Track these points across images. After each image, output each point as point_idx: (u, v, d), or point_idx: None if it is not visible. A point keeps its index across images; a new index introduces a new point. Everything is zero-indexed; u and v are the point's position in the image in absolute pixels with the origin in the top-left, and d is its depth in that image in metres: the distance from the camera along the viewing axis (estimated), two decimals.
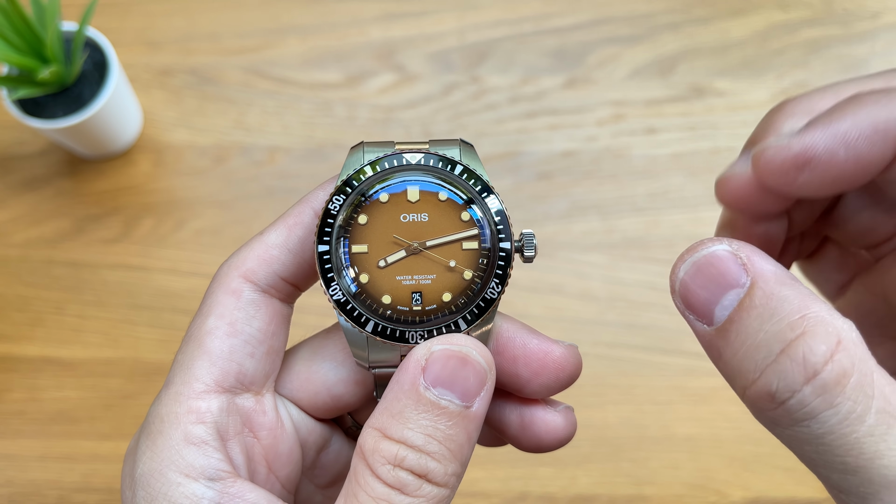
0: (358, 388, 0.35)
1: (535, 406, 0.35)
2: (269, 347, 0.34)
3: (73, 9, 0.77)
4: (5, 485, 0.70)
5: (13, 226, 0.76)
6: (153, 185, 0.77)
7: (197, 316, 0.34)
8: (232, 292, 0.33)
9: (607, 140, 0.78)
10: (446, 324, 0.33)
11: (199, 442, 0.31)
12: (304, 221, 0.34)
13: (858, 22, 0.82)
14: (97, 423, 0.71)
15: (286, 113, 0.79)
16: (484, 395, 0.30)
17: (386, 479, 0.29)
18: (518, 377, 0.34)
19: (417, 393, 0.30)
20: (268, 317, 0.33)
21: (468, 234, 0.33)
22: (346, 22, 0.82)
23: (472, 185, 0.33)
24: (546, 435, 0.35)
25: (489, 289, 0.33)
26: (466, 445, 0.30)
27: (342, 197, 0.33)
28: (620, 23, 0.82)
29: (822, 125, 0.28)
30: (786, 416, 0.25)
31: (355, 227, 0.33)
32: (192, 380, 0.32)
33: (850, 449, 0.24)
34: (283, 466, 0.35)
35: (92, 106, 0.69)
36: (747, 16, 0.82)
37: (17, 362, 0.73)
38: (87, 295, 0.75)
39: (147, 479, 0.30)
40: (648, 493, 0.69)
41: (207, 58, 0.81)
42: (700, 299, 0.27)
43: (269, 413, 0.34)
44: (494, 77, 0.80)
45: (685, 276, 0.28)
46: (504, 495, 0.69)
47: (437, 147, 0.34)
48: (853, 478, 0.24)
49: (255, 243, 0.34)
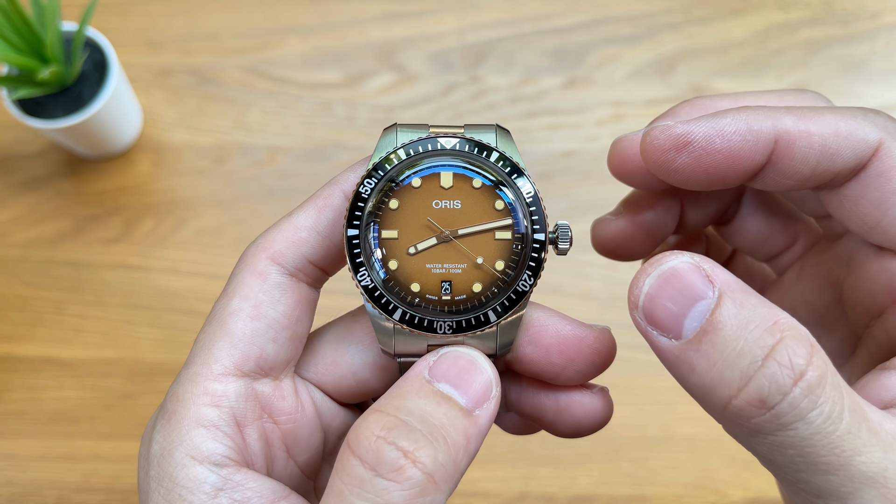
0: (384, 373, 0.35)
1: (571, 391, 0.35)
2: (292, 333, 0.33)
3: (73, 9, 0.77)
4: (5, 485, 0.70)
5: (13, 226, 0.77)
6: (153, 185, 0.77)
7: (221, 296, 0.33)
8: (258, 274, 0.32)
9: (607, 140, 0.78)
10: (476, 315, 0.32)
11: (210, 425, 0.30)
12: (333, 204, 0.33)
13: (858, 22, 0.82)
14: (97, 423, 0.71)
15: (286, 113, 0.79)
16: (488, 406, 0.30)
17: (364, 456, 0.27)
18: (553, 365, 0.33)
19: (422, 382, 0.30)
20: (293, 301, 0.33)
21: (501, 223, 0.32)
22: (346, 22, 0.82)
23: (507, 173, 0.32)
24: (585, 418, 0.35)
25: (521, 281, 0.32)
26: (462, 448, 0.28)
27: (373, 180, 0.32)
28: (620, 23, 0.82)
29: (706, 118, 0.30)
30: (773, 421, 0.25)
31: (386, 211, 0.32)
32: (212, 361, 0.31)
33: (834, 447, 0.25)
34: (303, 451, 0.34)
35: (92, 106, 0.69)
36: (747, 16, 0.82)
37: (17, 362, 0.73)
38: (87, 295, 0.75)
39: (157, 459, 0.30)
40: (648, 493, 0.69)
41: (207, 58, 0.81)
42: (667, 312, 0.27)
43: (289, 398, 0.33)
44: (494, 77, 0.80)
45: (650, 289, 0.28)
46: (504, 495, 0.69)
47: (473, 132, 0.33)
48: (835, 477, 0.25)
49: (283, 225, 0.33)
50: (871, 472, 0.25)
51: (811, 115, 0.30)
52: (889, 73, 0.80)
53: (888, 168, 0.29)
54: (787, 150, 0.30)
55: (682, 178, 0.31)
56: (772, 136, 0.30)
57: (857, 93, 0.79)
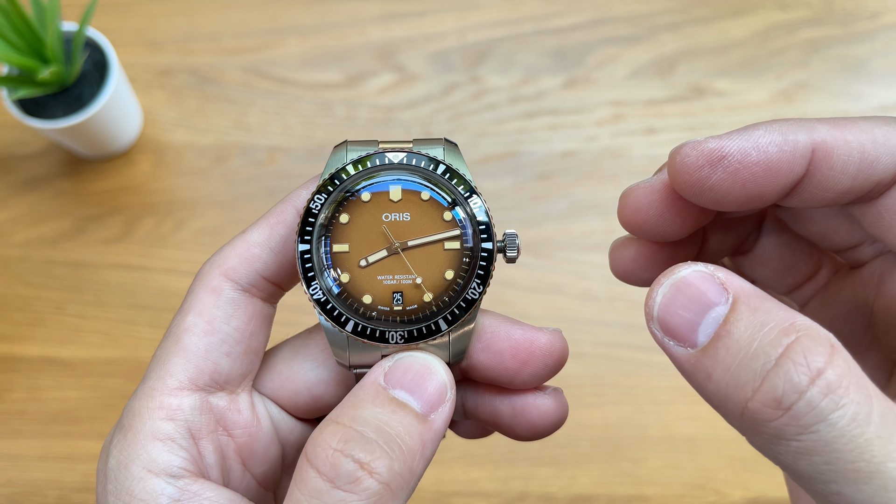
0: (339, 388, 0.35)
1: (525, 393, 0.35)
2: (246, 347, 0.33)
3: (73, 9, 0.77)
4: (5, 485, 0.70)
5: (13, 226, 0.77)
6: (153, 185, 0.77)
7: (178, 313, 0.33)
8: (212, 290, 0.33)
9: (607, 140, 0.78)
10: (427, 324, 0.33)
11: (166, 438, 0.31)
12: (286, 220, 0.34)
13: (858, 22, 0.82)
14: (97, 423, 0.71)
15: (286, 113, 0.79)
16: (443, 411, 0.30)
17: (322, 468, 0.27)
18: (507, 370, 0.34)
19: (377, 389, 0.30)
20: (247, 316, 0.33)
21: (450, 234, 0.33)
22: (346, 22, 0.82)
23: (454, 184, 0.33)
24: (540, 419, 0.35)
25: (470, 289, 0.33)
26: (418, 454, 0.29)
27: (324, 196, 0.33)
28: (620, 23, 0.82)
29: (738, 132, 0.30)
30: (792, 423, 0.24)
31: (337, 226, 0.33)
32: (167, 376, 0.32)
33: (863, 453, 0.24)
34: (260, 464, 0.35)
35: (92, 106, 0.69)
36: (747, 16, 0.82)
37: (18, 362, 0.73)
38: (87, 295, 0.75)
39: (115, 473, 0.30)
40: (648, 493, 0.69)
41: (207, 58, 0.81)
42: (682, 321, 0.27)
43: (245, 412, 0.34)
44: (494, 77, 0.80)
45: (664, 299, 0.28)
46: (504, 495, 0.69)
47: (421, 146, 0.34)
48: (867, 487, 0.24)
49: (237, 242, 0.34)
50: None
51: (845, 124, 0.29)
52: (889, 73, 0.80)
53: None
54: (825, 159, 0.29)
55: (717, 197, 0.30)
56: (808, 145, 0.29)
57: (857, 93, 0.80)
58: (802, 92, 0.79)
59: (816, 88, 0.80)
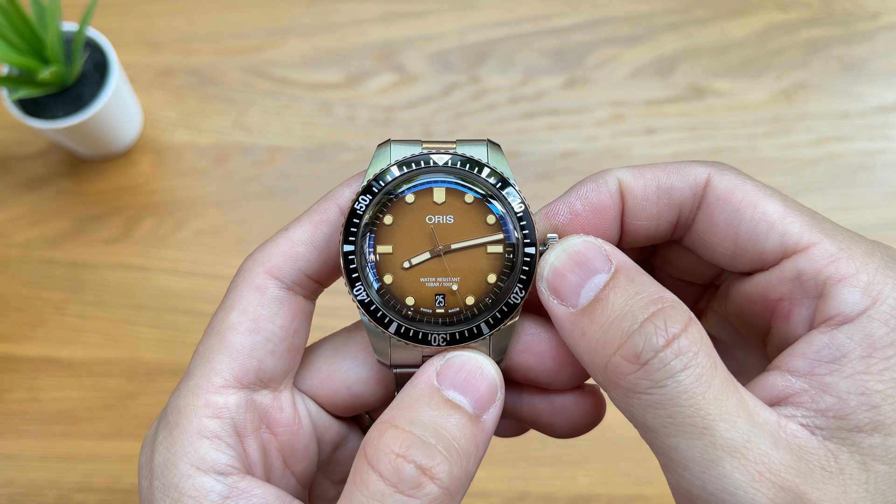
0: (378, 387, 0.35)
1: (564, 393, 0.36)
2: (290, 345, 0.34)
3: (73, 9, 0.77)
4: (5, 485, 0.70)
5: (13, 226, 0.77)
6: (153, 185, 0.78)
7: (220, 309, 0.33)
8: (256, 288, 0.33)
9: (607, 140, 0.78)
10: (469, 327, 0.33)
11: (213, 436, 0.31)
12: (329, 219, 0.34)
13: (858, 22, 0.82)
14: (97, 423, 0.72)
15: (286, 113, 0.79)
16: (494, 410, 0.31)
17: (385, 472, 0.28)
18: (547, 371, 0.34)
19: (431, 389, 0.30)
20: (290, 314, 0.33)
21: (493, 238, 0.33)
22: (346, 22, 0.82)
23: (497, 188, 0.33)
24: (580, 417, 0.36)
25: (513, 293, 0.33)
26: (473, 456, 0.30)
27: (368, 196, 0.33)
28: (620, 23, 0.82)
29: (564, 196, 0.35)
30: (646, 377, 0.27)
31: (381, 227, 0.33)
32: (212, 374, 0.32)
33: (699, 409, 0.27)
34: (299, 462, 0.35)
35: (92, 106, 0.69)
36: (747, 16, 0.82)
37: (18, 362, 0.73)
38: (87, 295, 0.75)
39: (162, 469, 0.31)
40: (648, 492, 0.69)
41: (207, 58, 0.81)
42: (567, 282, 0.31)
43: (287, 410, 0.34)
44: (494, 77, 0.80)
45: (555, 261, 0.31)
46: (504, 495, 0.69)
47: (464, 147, 0.34)
48: (699, 442, 0.27)
49: (280, 239, 0.34)
50: (734, 440, 0.27)
51: (644, 166, 0.34)
52: (889, 73, 0.80)
53: (724, 191, 0.32)
54: (628, 191, 0.33)
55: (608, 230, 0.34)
56: (616, 182, 0.33)
57: (857, 93, 0.80)
58: (802, 92, 0.79)
59: (816, 88, 0.80)
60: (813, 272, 0.30)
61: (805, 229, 0.31)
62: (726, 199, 0.32)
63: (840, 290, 0.29)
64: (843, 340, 0.29)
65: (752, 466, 0.27)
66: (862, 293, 0.29)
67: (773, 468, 0.27)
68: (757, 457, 0.27)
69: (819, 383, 0.29)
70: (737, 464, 0.27)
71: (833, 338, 0.29)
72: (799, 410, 0.28)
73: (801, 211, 0.31)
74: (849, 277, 0.29)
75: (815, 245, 0.30)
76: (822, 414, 0.28)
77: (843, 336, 0.29)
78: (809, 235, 0.30)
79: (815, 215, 0.32)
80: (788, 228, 0.31)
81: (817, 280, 0.30)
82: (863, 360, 0.28)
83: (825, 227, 0.31)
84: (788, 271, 0.31)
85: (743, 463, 0.27)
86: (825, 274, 0.30)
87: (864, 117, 0.79)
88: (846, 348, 0.28)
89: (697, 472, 0.27)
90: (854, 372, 0.28)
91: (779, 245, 0.31)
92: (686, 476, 0.28)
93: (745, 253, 0.32)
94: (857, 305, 0.29)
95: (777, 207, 0.31)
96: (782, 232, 0.31)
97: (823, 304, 0.29)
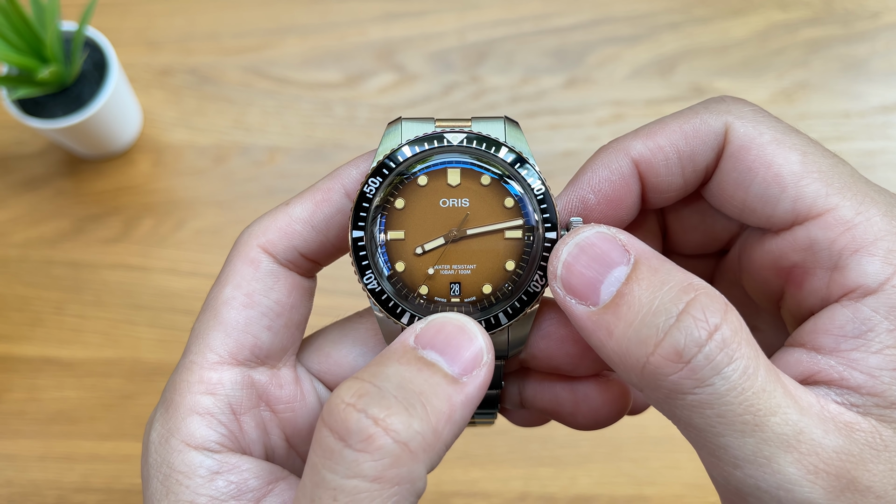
0: None
1: (587, 381, 0.34)
2: (287, 321, 0.32)
3: (72, 9, 0.77)
4: (5, 485, 0.70)
5: (13, 226, 0.76)
6: (153, 185, 0.77)
7: (215, 284, 0.32)
8: (250, 262, 0.32)
9: (608, 140, 0.78)
10: (486, 317, 0.31)
11: (205, 413, 0.30)
12: (332, 199, 0.32)
13: (858, 22, 0.82)
14: (97, 423, 0.71)
15: (286, 113, 0.79)
16: (478, 374, 0.28)
17: (333, 425, 0.25)
18: (569, 356, 0.33)
19: (405, 348, 0.28)
20: (287, 289, 0.32)
21: (512, 223, 0.31)
22: (346, 22, 0.82)
23: (517, 169, 0.31)
24: (604, 406, 0.34)
25: (532, 281, 0.31)
26: (445, 416, 0.27)
27: (378, 179, 0.31)
28: (620, 23, 0.82)
29: (568, 188, 0.33)
30: (690, 376, 0.25)
31: (391, 211, 0.31)
32: (206, 350, 0.31)
33: (750, 405, 0.25)
34: (305, 441, 0.34)
35: (92, 106, 0.69)
36: (747, 16, 0.82)
37: (17, 362, 0.73)
38: (86, 295, 0.75)
39: (155, 445, 0.30)
40: (648, 493, 0.69)
41: (207, 58, 0.81)
42: (584, 279, 0.28)
43: (287, 387, 0.33)
44: (494, 77, 0.80)
45: (568, 257, 0.29)
46: (504, 495, 0.69)
47: (480, 124, 0.32)
48: (751, 439, 0.25)
49: (278, 213, 0.32)
50: (786, 433, 0.25)
51: (656, 130, 0.31)
52: (889, 73, 0.80)
53: (738, 148, 0.30)
54: (649, 169, 0.31)
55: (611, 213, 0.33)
56: (631, 164, 0.31)
57: (857, 92, 0.79)
58: (803, 92, 0.79)
59: (817, 88, 0.80)
60: (827, 242, 0.28)
61: (820, 193, 0.29)
62: (739, 157, 0.30)
63: (858, 261, 0.28)
64: (867, 314, 0.27)
65: (807, 459, 0.25)
66: (882, 261, 0.27)
67: (825, 457, 0.25)
68: (810, 448, 0.25)
69: (847, 360, 0.27)
70: (791, 458, 0.25)
71: (857, 311, 0.27)
72: (832, 390, 0.27)
73: (819, 167, 0.29)
74: (867, 246, 0.27)
75: (828, 212, 0.28)
76: (855, 391, 0.27)
77: (868, 309, 0.27)
78: (825, 200, 0.29)
79: (836, 167, 0.29)
80: (802, 191, 0.29)
81: (831, 250, 0.28)
82: (890, 334, 0.27)
83: (844, 185, 0.29)
84: (801, 240, 0.29)
85: (797, 457, 0.25)
86: (840, 244, 0.28)
87: (865, 117, 0.79)
88: (872, 322, 0.27)
89: (750, 471, 0.25)
90: (883, 346, 0.27)
91: (790, 210, 0.29)
92: (737, 474, 0.26)
93: (753, 213, 0.31)
94: (879, 275, 0.27)
95: (793, 166, 0.29)
96: (795, 196, 0.29)
97: (841, 276, 0.28)
